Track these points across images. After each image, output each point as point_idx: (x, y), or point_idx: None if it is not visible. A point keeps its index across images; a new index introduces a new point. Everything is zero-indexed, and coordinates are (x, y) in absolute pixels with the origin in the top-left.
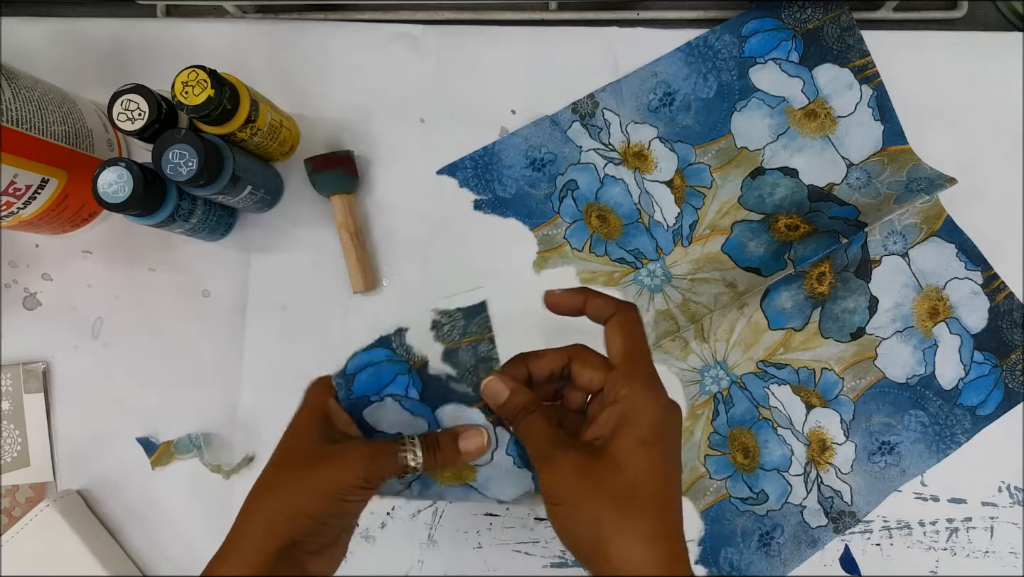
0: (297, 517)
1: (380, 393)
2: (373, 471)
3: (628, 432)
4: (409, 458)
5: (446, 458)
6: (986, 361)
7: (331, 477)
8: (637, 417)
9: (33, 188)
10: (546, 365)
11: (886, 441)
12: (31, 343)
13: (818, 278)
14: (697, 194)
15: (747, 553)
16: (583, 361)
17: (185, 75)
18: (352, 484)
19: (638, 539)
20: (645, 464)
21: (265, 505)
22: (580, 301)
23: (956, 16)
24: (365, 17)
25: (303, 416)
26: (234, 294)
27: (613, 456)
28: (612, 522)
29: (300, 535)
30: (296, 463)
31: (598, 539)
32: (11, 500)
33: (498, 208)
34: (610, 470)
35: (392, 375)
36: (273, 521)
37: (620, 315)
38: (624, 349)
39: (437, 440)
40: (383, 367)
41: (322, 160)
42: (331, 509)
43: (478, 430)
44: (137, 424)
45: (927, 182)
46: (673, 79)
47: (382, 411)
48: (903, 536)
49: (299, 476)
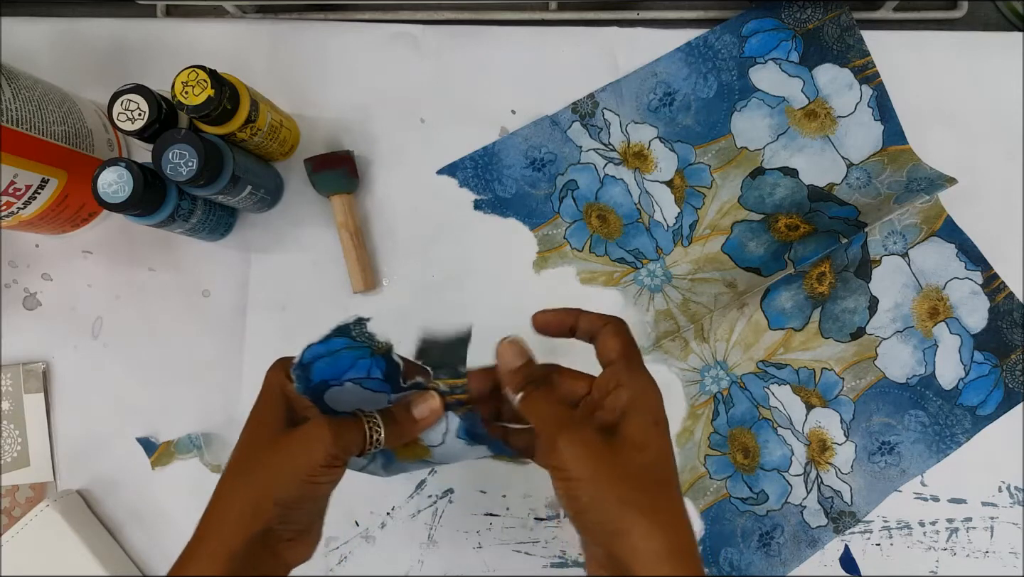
0: (265, 504)
1: (340, 378)
2: (340, 448)
3: (641, 414)
4: (374, 432)
5: (404, 429)
6: (986, 361)
7: (297, 459)
8: (647, 399)
9: (33, 188)
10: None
11: (886, 441)
12: (31, 343)
13: (818, 278)
14: (697, 194)
15: (747, 553)
16: (565, 373)
17: (185, 75)
18: (320, 464)
19: (660, 518)
20: (662, 444)
21: (231, 495)
22: (572, 319)
23: (956, 16)
24: (365, 17)
25: (263, 401)
26: (234, 294)
27: (630, 436)
28: (637, 500)
29: (271, 522)
30: (260, 448)
31: (619, 517)
32: (11, 500)
33: (498, 208)
34: (630, 450)
35: (352, 360)
36: (241, 511)
37: (614, 324)
38: (622, 347)
39: (392, 413)
40: (342, 355)
41: (322, 160)
42: (300, 492)
43: (427, 394)
44: (137, 424)
45: (927, 182)
46: (673, 79)
47: (342, 393)
48: (903, 536)
49: (264, 461)
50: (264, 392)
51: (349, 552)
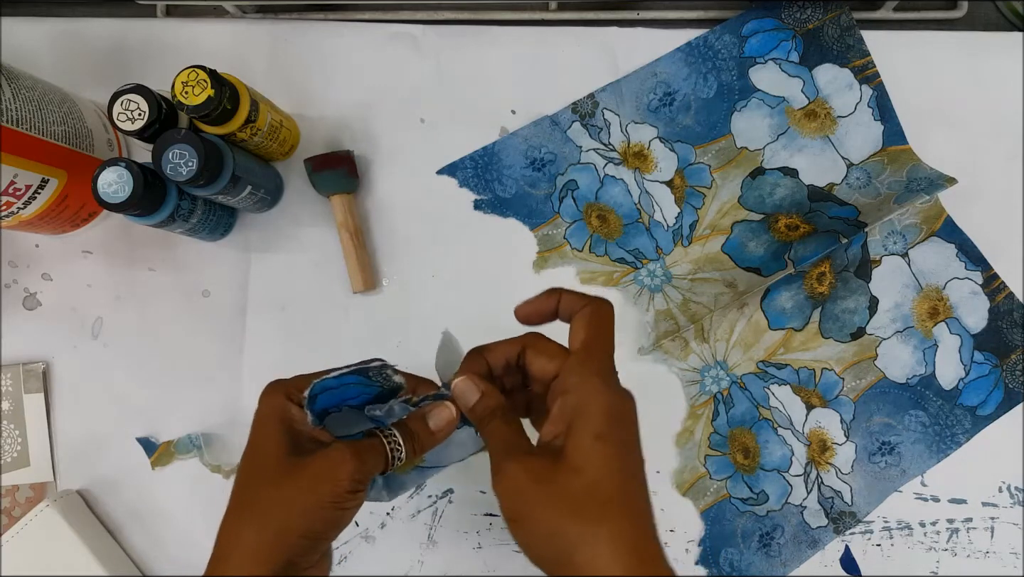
0: (286, 538)
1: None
2: (364, 471)
3: (582, 427)
4: (395, 450)
5: (423, 442)
6: (986, 361)
7: (321, 487)
8: (589, 408)
9: (33, 188)
10: (500, 355)
11: (886, 441)
12: (31, 343)
13: (818, 278)
14: (697, 194)
15: (747, 553)
16: (537, 349)
17: (185, 75)
18: (346, 489)
19: (605, 544)
20: (602, 461)
21: (245, 532)
22: (552, 300)
23: (956, 16)
24: (365, 17)
25: (262, 429)
26: (234, 294)
27: (569, 457)
28: (575, 530)
29: (294, 557)
30: (267, 481)
31: (562, 551)
32: (11, 500)
33: (498, 208)
34: (568, 473)
35: (357, 393)
36: (259, 549)
37: (590, 307)
38: (585, 339)
39: (408, 426)
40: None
41: (322, 160)
42: (326, 521)
43: (442, 405)
44: (137, 424)
45: (927, 182)
46: (673, 79)
47: (340, 417)
48: (903, 536)
49: (279, 493)
50: (260, 419)
51: (349, 552)
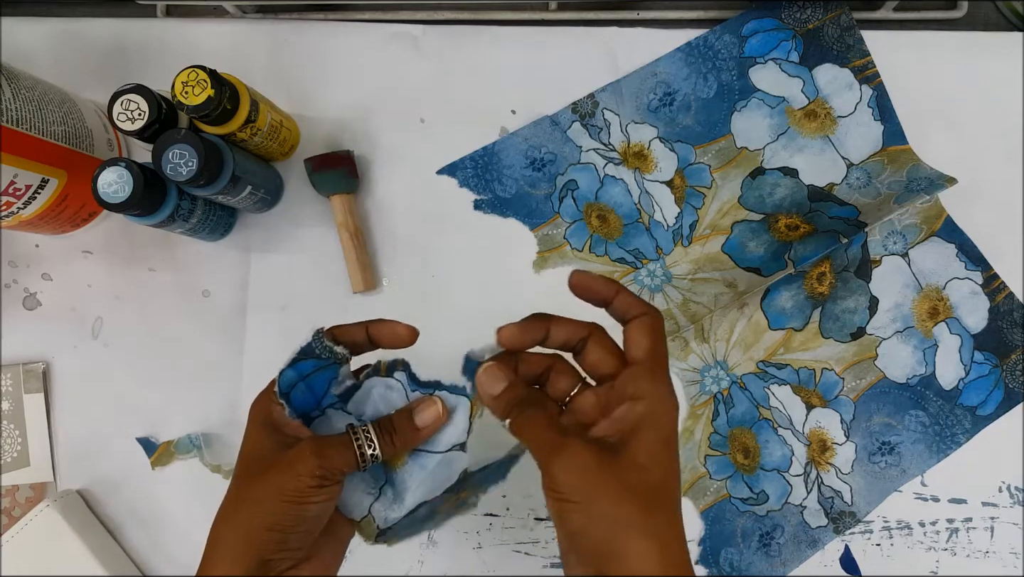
0: (256, 533)
1: (321, 408)
2: (326, 467)
3: (653, 431)
4: (365, 446)
5: (406, 439)
6: (986, 361)
7: (282, 482)
8: (662, 416)
9: (33, 188)
10: (564, 332)
11: (886, 441)
12: (31, 343)
13: (818, 278)
14: (697, 194)
15: (747, 553)
16: (600, 341)
17: (185, 75)
18: (308, 484)
19: (658, 540)
20: (669, 464)
21: (225, 528)
22: (611, 292)
23: (956, 16)
24: (365, 17)
25: (248, 435)
26: (234, 294)
27: (637, 455)
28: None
29: (266, 552)
30: (250, 480)
31: (614, 539)
32: (11, 500)
33: (498, 208)
34: (632, 468)
35: (325, 385)
36: (236, 544)
37: (651, 316)
38: (651, 348)
39: (391, 422)
40: (314, 378)
41: (322, 160)
42: (289, 516)
43: (430, 400)
44: (137, 424)
45: (927, 182)
46: (673, 79)
47: (328, 421)
48: (903, 536)
49: (252, 490)
50: (248, 426)
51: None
